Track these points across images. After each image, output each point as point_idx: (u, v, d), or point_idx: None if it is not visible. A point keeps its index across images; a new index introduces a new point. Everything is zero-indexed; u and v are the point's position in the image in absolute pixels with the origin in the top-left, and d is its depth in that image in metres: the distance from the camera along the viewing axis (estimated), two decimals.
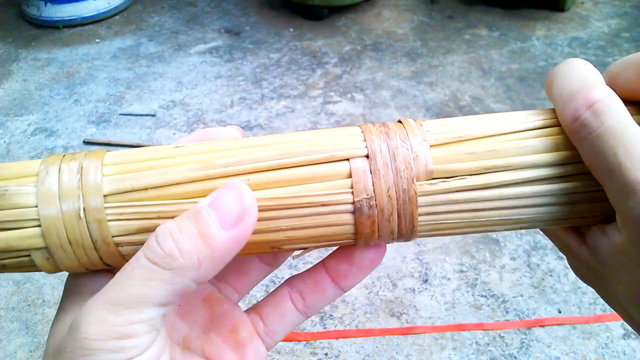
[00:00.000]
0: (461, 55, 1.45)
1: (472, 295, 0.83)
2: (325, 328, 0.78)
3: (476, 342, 0.75)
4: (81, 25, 1.66)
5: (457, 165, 0.18)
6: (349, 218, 0.18)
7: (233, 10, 1.76)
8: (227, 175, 0.18)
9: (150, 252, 0.16)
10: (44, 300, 0.83)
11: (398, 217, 0.18)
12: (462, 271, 0.87)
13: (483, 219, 0.19)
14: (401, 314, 0.80)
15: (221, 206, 0.16)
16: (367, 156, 0.18)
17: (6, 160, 1.11)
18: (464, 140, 0.19)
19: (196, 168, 0.18)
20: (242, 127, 1.21)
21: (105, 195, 0.17)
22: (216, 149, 0.18)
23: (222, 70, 1.42)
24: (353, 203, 0.18)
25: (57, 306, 0.20)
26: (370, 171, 0.18)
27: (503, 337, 0.77)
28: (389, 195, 0.18)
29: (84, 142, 1.16)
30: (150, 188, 0.17)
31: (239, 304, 0.23)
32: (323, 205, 0.18)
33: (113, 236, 0.17)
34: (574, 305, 0.81)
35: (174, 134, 1.18)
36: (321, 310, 0.80)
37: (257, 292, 0.82)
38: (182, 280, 0.16)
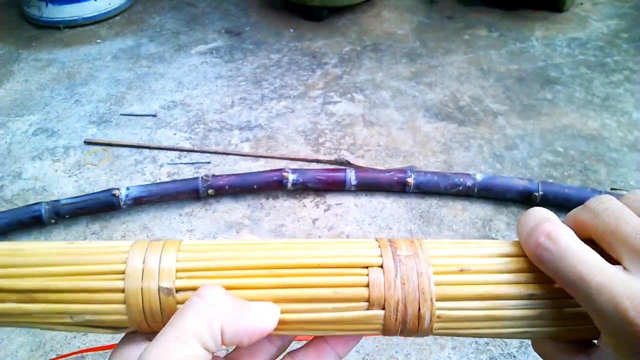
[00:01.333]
0: (460, 55, 1.46)
1: None
2: None
3: (475, 342, 0.76)
4: (82, 25, 1.66)
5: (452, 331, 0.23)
6: None
7: (233, 10, 1.77)
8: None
9: (202, 291, 0.20)
10: None
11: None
12: None
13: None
14: None
15: (258, 307, 0.21)
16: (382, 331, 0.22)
17: (7, 160, 1.12)
18: (467, 321, 0.22)
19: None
20: (242, 127, 1.21)
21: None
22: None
23: (223, 71, 1.42)
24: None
25: None
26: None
27: None
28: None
29: (85, 142, 1.17)
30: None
31: None
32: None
33: None
34: None
35: (175, 134, 1.19)
36: None
37: None
38: (216, 323, 0.19)
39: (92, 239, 0.93)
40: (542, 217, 0.21)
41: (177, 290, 0.21)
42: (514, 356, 0.74)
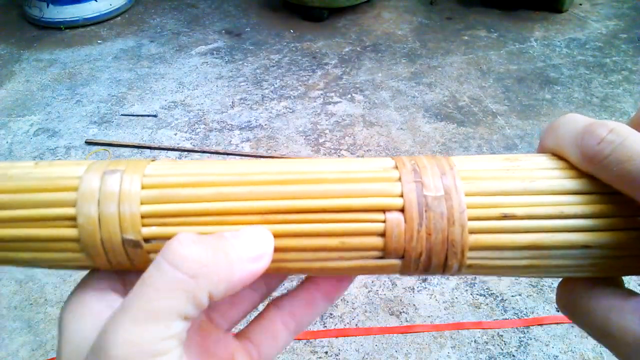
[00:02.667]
0: (460, 56, 1.46)
1: (471, 294, 0.83)
2: (325, 327, 0.79)
3: (475, 341, 0.76)
4: (83, 26, 1.67)
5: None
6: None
7: (234, 11, 1.77)
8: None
9: (171, 255, 0.16)
10: (46, 300, 0.83)
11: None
12: None
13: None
14: (400, 312, 0.80)
15: (244, 241, 0.17)
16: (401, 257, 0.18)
17: (8, 160, 1.12)
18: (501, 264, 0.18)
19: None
20: (243, 127, 1.22)
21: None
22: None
23: (223, 71, 1.43)
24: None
25: (60, 305, 0.20)
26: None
27: (502, 335, 0.77)
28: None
29: (85, 142, 1.17)
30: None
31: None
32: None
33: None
34: None
35: (176, 134, 1.19)
36: None
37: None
38: (201, 293, 0.16)
39: None
40: (589, 119, 0.18)
41: (146, 240, 0.17)
42: (513, 355, 0.74)
